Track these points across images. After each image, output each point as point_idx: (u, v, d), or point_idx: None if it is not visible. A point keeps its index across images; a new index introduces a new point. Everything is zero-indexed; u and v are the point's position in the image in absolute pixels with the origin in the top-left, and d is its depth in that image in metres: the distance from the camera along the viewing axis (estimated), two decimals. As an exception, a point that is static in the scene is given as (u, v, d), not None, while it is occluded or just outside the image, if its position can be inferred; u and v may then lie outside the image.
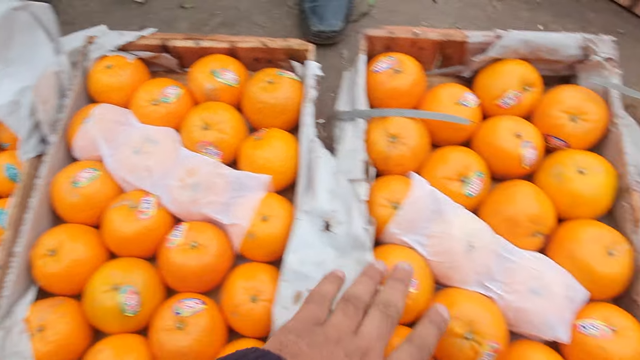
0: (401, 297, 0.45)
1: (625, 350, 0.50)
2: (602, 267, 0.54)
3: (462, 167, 0.60)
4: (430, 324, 0.44)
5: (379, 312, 0.42)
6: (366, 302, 0.44)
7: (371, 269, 0.49)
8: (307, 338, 0.39)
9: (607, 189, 0.59)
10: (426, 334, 0.43)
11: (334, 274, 0.49)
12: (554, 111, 0.64)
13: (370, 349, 0.39)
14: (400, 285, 0.46)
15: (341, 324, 0.41)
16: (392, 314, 0.43)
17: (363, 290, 0.45)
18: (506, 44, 0.66)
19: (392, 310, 0.43)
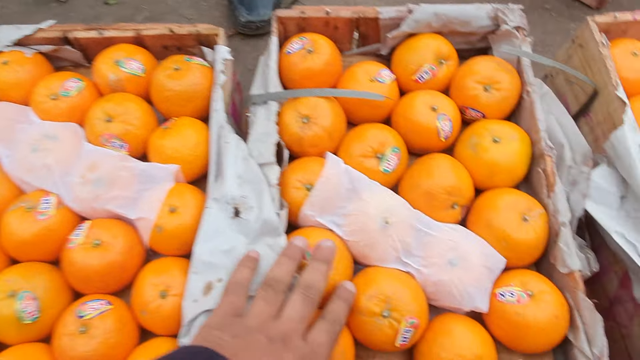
0: (322, 278, 0.46)
1: (541, 313, 0.50)
2: (517, 234, 0.54)
3: (377, 144, 0.59)
4: (339, 300, 0.46)
5: (300, 295, 0.43)
6: (287, 284, 0.45)
7: (291, 247, 0.49)
8: (229, 331, 0.40)
9: (522, 157, 0.59)
10: (337, 309, 0.45)
11: (247, 257, 0.49)
12: (468, 82, 0.63)
13: (291, 331, 0.41)
14: (321, 266, 0.46)
15: (262, 312, 0.42)
16: (313, 295, 0.44)
17: (283, 272, 0.46)
18: (418, 17, 0.66)
19: (312, 292, 0.44)
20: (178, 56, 0.63)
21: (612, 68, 0.62)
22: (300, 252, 0.48)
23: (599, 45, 0.64)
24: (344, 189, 0.56)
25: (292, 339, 0.40)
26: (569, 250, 0.53)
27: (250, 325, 0.41)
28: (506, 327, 0.51)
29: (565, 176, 0.61)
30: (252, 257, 0.49)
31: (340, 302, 0.46)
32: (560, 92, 0.74)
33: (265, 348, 0.39)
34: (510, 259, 0.55)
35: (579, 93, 0.69)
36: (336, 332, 0.44)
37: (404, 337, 0.49)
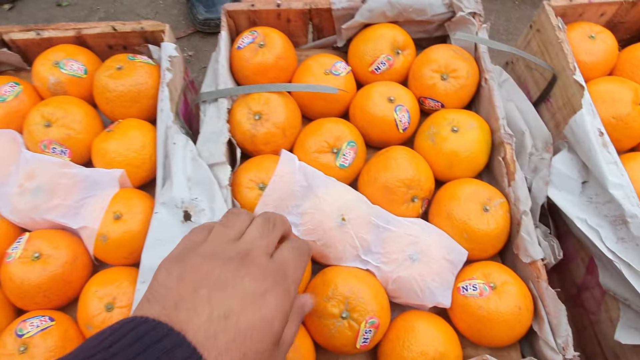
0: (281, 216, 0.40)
1: (504, 306, 0.48)
2: (478, 225, 0.52)
3: (333, 139, 0.57)
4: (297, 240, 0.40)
5: (261, 218, 0.38)
6: (251, 213, 0.39)
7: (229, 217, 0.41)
8: (179, 268, 0.32)
9: (481, 145, 0.58)
10: (299, 241, 0.39)
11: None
12: (425, 72, 0.62)
13: (251, 249, 0.34)
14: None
15: (219, 237, 0.35)
16: (275, 220, 0.38)
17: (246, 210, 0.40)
18: (372, 7, 0.64)
19: (274, 217, 0.38)
20: (121, 55, 0.60)
21: (569, 52, 0.61)
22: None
23: (556, 30, 0.63)
24: (298, 187, 0.54)
25: (252, 255, 0.34)
26: (531, 239, 0.52)
27: (204, 253, 0.34)
28: (470, 322, 0.50)
29: (526, 163, 0.60)
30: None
31: (300, 241, 0.40)
32: (521, 78, 0.73)
33: (219, 275, 0.31)
34: (473, 251, 0.53)
35: (539, 79, 0.68)
36: (303, 255, 0.38)
37: (364, 338, 0.47)
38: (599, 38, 0.64)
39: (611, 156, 0.54)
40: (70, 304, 0.52)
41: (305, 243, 0.39)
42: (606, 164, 0.54)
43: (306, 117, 0.64)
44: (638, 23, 0.71)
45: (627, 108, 0.58)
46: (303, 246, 0.38)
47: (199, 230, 0.37)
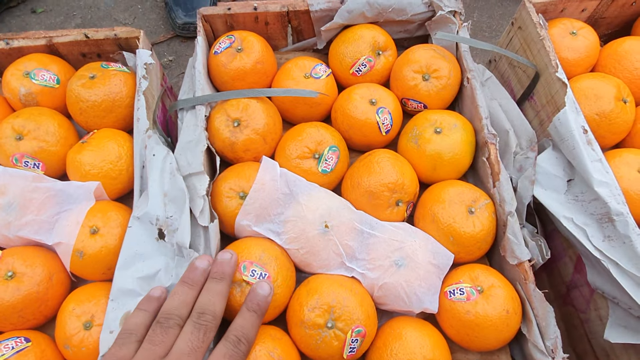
0: (217, 299, 0.42)
1: (492, 310, 0.47)
2: (463, 227, 0.51)
3: (314, 144, 0.55)
4: (247, 311, 0.43)
5: (192, 325, 0.40)
6: (182, 316, 0.41)
7: (191, 271, 0.44)
8: None
9: (465, 146, 0.57)
10: (242, 323, 0.42)
11: (147, 298, 0.44)
12: (406, 73, 0.61)
13: None
14: (217, 285, 0.43)
15: (147, 356, 0.38)
16: (206, 322, 0.40)
17: (178, 303, 0.42)
18: (351, 8, 0.63)
19: (206, 318, 0.41)
20: (94, 63, 0.58)
21: (551, 49, 0.60)
22: (202, 274, 0.44)
23: (537, 27, 0.62)
24: (280, 194, 0.52)
25: None
26: (517, 240, 0.51)
27: None
28: (458, 327, 0.49)
29: (511, 162, 0.59)
30: (154, 297, 0.43)
31: (248, 313, 0.43)
32: (505, 76, 0.73)
33: None
34: (459, 254, 0.52)
35: (522, 76, 0.68)
36: (241, 352, 0.40)
37: (351, 347, 0.46)
38: (581, 34, 0.64)
39: (595, 154, 0.54)
40: (48, 323, 0.51)
41: (247, 330, 0.42)
42: (591, 161, 0.53)
43: (288, 122, 0.63)
44: (619, 18, 0.70)
45: (610, 104, 0.57)
46: (240, 347, 0.41)
47: (124, 341, 0.39)
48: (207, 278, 0.44)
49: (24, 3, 1.06)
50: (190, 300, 0.42)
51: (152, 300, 0.43)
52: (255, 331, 0.43)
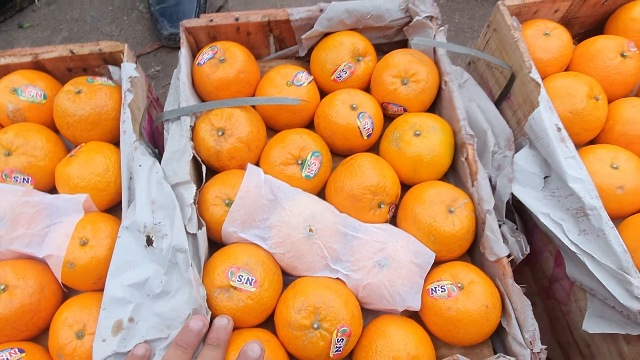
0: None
1: (472, 305, 0.49)
2: (444, 226, 0.53)
3: (297, 150, 0.57)
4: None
5: None
6: None
7: (185, 334, 0.44)
8: None
9: (444, 147, 0.59)
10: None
11: (132, 356, 0.44)
12: (386, 77, 0.62)
13: None
14: (213, 352, 0.44)
15: None
16: None
17: None
18: (330, 16, 0.64)
19: None
20: (80, 78, 0.60)
21: (525, 50, 0.62)
22: (196, 337, 0.44)
23: (511, 29, 0.64)
24: (265, 200, 0.54)
25: None
26: (495, 237, 0.53)
27: None
28: (440, 323, 0.50)
29: (490, 161, 0.61)
30: (137, 355, 0.44)
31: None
32: (483, 77, 0.75)
33: None
34: (440, 252, 0.54)
35: (499, 77, 0.70)
36: None
37: (337, 347, 0.47)
38: (554, 34, 0.66)
39: (569, 150, 0.55)
40: (41, 334, 0.52)
41: None
42: (565, 158, 0.55)
43: (272, 129, 0.64)
44: (592, 17, 0.72)
45: (582, 102, 0.59)
46: None
47: None
48: (200, 341, 0.44)
49: (11, 19, 1.07)
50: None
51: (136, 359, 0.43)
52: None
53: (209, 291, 0.49)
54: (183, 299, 0.47)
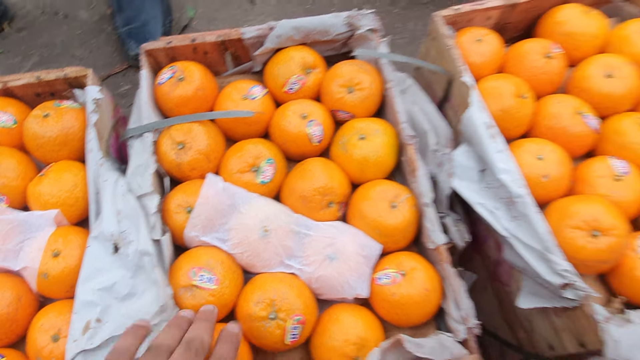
0: (206, 332, 0.44)
1: (413, 289, 0.54)
2: (388, 220, 0.58)
3: (252, 158, 0.62)
4: (225, 343, 0.44)
5: (182, 349, 0.41)
6: (170, 347, 0.42)
7: (177, 319, 0.46)
8: None
9: (388, 148, 0.64)
10: (222, 351, 0.43)
11: (136, 326, 0.45)
12: (333, 87, 0.68)
13: None
14: (204, 323, 0.45)
15: None
16: (195, 346, 0.42)
17: (168, 337, 0.43)
18: (279, 33, 0.70)
19: (195, 343, 0.42)
20: (47, 102, 0.64)
21: (458, 56, 0.68)
22: (187, 321, 0.46)
23: (446, 38, 0.70)
24: (224, 206, 0.59)
25: None
26: (433, 227, 0.58)
27: None
28: (387, 307, 0.56)
29: (432, 159, 0.67)
30: (142, 325, 0.45)
31: (226, 344, 0.44)
32: (429, 81, 0.81)
33: None
34: (387, 244, 0.59)
35: (441, 81, 0.75)
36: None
37: (292, 334, 0.52)
38: (485, 40, 0.72)
39: (499, 145, 0.61)
40: (19, 341, 0.56)
41: (226, 356, 0.43)
42: (495, 152, 0.61)
43: (231, 140, 0.69)
44: (523, 22, 0.79)
45: (510, 101, 0.65)
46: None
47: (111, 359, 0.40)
48: (190, 322, 0.45)
49: (-18, 46, 1.10)
50: (178, 337, 0.43)
51: (140, 328, 0.44)
52: (209, 333, 0.44)
53: (175, 291, 0.54)
54: (150, 299, 0.51)
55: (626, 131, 0.64)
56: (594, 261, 0.56)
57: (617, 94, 0.67)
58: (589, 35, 0.72)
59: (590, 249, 0.55)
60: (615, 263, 0.57)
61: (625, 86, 0.66)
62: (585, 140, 0.65)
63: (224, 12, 1.17)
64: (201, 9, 1.17)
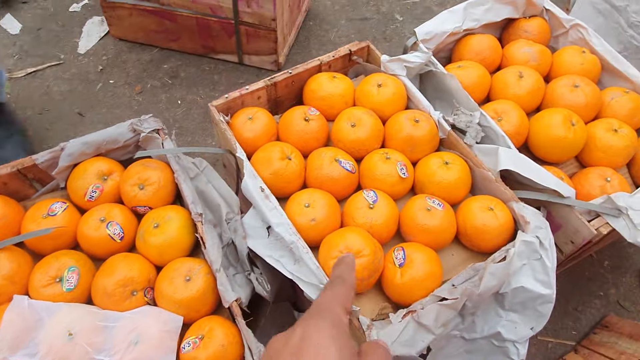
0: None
1: (210, 350, 0.62)
2: (183, 293, 0.67)
3: (54, 270, 0.68)
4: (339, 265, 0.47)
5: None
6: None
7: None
8: None
9: (181, 229, 0.73)
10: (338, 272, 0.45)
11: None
12: (127, 187, 0.77)
13: None
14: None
15: None
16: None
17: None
18: (71, 151, 0.78)
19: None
20: None
21: (231, 136, 0.80)
22: None
23: (220, 123, 0.82)
24: (31, 322, 0.64)
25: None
26: (224, 288, 0.67)
27: None
28: (193, 371, 0.63)
29: (228, 227, 0.77)
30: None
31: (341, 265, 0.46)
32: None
33: None
34: (189, 314, 0.67)
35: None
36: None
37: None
38: (256, 117, 0.85)
39: (271, 204, 0.73)
40: None
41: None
42: (269, 210, 0.72)
43: (41, 254, 0.74)
44: (292, 94, 0.94)
45: (277, 164, 0.78)
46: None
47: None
48: None
49: None
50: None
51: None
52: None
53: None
54: None
55: (374, 166, 0.79)
56: (358, 280, 0.68)
57: (362, 138, 0.82)
58: (337, 95, 0.88)
59: (350, 271, 0.67)
60: (376, 276, 0.70)
61: (367, 131, 0.82)
62: (345, 181, 0.79)
63: (54, 130, 1.24)
64: (30, 130, 1.22)
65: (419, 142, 0.82)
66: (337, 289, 0.43)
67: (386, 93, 0.87)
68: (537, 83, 0.94)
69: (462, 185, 0.79)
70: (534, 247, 0.69)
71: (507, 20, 1.09)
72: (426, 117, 0.84)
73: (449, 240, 0.75)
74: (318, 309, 0.39)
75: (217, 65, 1.39)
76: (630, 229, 0.75)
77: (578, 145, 0.87)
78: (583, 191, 0.85)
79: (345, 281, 0.45)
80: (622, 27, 1.06)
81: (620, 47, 1.08)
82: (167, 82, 1.35)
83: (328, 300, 0.41)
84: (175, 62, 1.39)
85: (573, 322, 1.03)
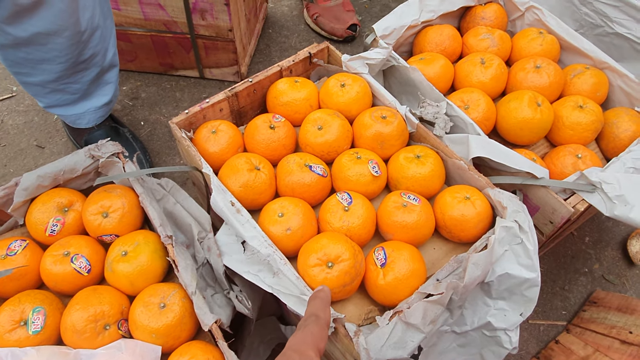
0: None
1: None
2: (158, 322, 0.63)
3: (18, 314, 0.64)
4: (314, 299, 0.53)
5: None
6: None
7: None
8: None
9: (151, 255, 0.70)
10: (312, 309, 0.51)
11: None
12: (89, 217, 0.73)
13: None
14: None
15: None
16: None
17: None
18: (26, 186, 0.74)
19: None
20: None
21: (195, 152, 0.77)
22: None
23: (183, 140, 0.79)
24: (-4, 372, 0.59)
25: None
26: (202, 311, 0.64)
27: None
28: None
29: (201, 247, 0.74)
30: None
31: (315, 300, 0.51)
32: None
33: None
34: (167, 343, 0.64)
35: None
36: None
37: None
38: (219, 130, 0.82)
39: (244, 218, 0.70)
40: None
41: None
42: (241, 225, 0.70)
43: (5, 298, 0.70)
44: (255, 103, 0.91)
45: (246, 176, 0.75)
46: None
47: None
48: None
49: None
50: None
51: None
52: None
53: None
54: None
55: (345, 167, 0.77)
56: (340, 286, 0.66)
57: (331, 140, 0.80)
58: (301, 100, 0.86)
59: (331, 278, 0.65)
60: (358, 280, 0.68)
61: (334, 133, 0.80)
62: (318, 186, 0.77)
63: (13, 165, 1.18)
64: (-12, 167, 1.17)
65: (387, 138, 0.80)
66: (310, 328, 0.45)
67: (350, 92, 0.85)
68: (500, 68, 0.94)
69: (436, 178, 0.78)
70: (514, 232, 0.68)
71: (464, 8, 1.10)
72: (393, 113, 0.82)
73: (429, 235, 0.74)
74: (290, 351, 0.41)
75: (179, 82, 1.36)
76: (606, 203, 0.74)
77: (546, 125, 0.87)
78: (556, 170, 0.85)
79: (319, 319, 0.47)
80: (576, 6, 1.08)
81: (576, 25, 1.09)
82: (128, 104, 1.31)
83: (299, 343, 0.44)
84: (135, 82, 1.36)
85: (562, 302, 1.03)
